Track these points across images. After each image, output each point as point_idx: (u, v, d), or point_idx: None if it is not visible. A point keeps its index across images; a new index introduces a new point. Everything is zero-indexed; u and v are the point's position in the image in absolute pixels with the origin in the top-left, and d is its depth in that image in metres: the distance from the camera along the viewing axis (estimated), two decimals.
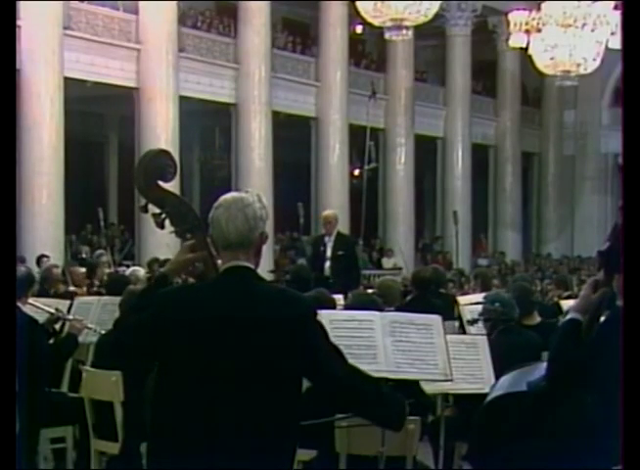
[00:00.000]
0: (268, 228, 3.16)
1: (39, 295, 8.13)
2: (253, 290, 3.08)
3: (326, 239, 10.77)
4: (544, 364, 3.42)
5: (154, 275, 11.66)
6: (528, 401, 3.37)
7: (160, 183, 3.43)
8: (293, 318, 3.05)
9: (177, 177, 3.61)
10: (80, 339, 6.45)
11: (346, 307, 5.52)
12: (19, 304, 5.83)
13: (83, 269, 11.87)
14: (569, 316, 3.34)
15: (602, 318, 3.34)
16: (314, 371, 3.09)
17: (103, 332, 6.36)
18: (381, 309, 5.21)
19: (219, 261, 3.21)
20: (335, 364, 3.10)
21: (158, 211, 3.43)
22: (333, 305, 6.33)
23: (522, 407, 3.38)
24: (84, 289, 10.66)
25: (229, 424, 2.98)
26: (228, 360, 2.99)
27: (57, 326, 6.68)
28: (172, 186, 3.64)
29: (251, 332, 3.01)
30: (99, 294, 9.10)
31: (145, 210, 3.47)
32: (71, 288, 10.36)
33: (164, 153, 3.52)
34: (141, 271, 10.52)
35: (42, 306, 6.60)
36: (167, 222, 3.44)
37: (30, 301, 6.38)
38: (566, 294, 10.16)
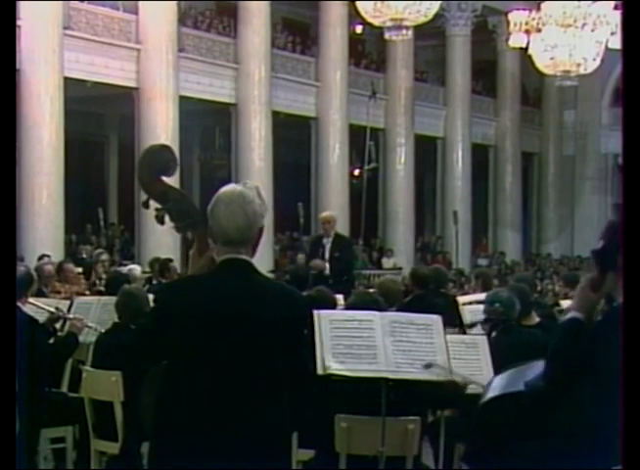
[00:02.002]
0: (268, 228, 3.19)
1: (36, 294, 8.11)
2: (251, 284, 3.10)
3: (324, 240, 10.78)
4: (539, 363, 3.38)
5: (155, 275, 11.70)
6: (527, 401, 3.36)
7: (163, 178, 3.44)
8: (288, 316, 3.08)
9: (177, 177, 3.63)
10: (80, 338, 6.45)
11: (349, 307, 5.52)
12: (18, 303, 5.82)
13: (80, 269, 11.84)
14: (569, 315, 3.30)
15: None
16: (295, 361, 3.11)
17: (103, 331, 6.37)
18: (383, 309, 5.20)
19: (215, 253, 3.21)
20: (309, 356, 3.18)
21: (159, 206, 3.44)
22: (333, 304, 6.33)
23: (520, 407, 3.37)
24: (80, 287, 10.64)
25: (228, 420, 2.98)
26: (226, 355, 3.01)
27: (57, 325, 6.68)
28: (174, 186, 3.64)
29: (247, 327, 3.02)
30: (100, 293, 9.09)
31: (146, 205, 3.48)
32: (66, 285, 10.35)
33: (166, 148, 3.54)
34: (138, 269, 10.52)
35: (43, 306, 6.59)
36: (167, 218, 3.45)
37: (31, 300, 6.37)
38: (572, 293, 10.09)
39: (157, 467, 3.12)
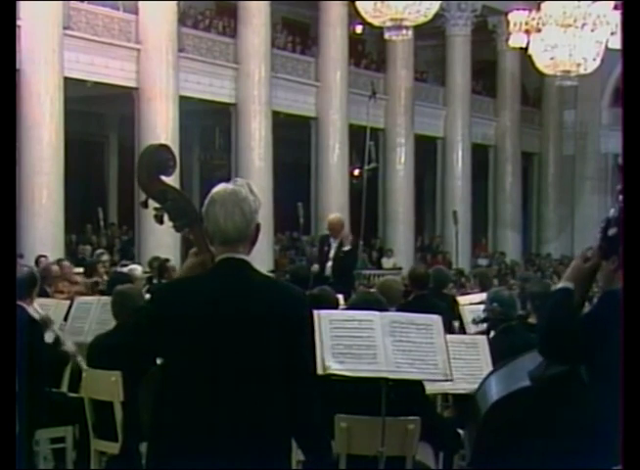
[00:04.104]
0: (268, 228, 3.18)
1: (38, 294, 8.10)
2: (249, 282, 3.08)
3: (331, 240, 10.88)
4: (532, 355, 3.40)
5: (154, 274, 11.71)
6: (533, 394, 3.35)
7: (162, 177, 3.44)
8: (288, 314, 3.06)
9: (177, 177, 3.63)
10: (81, 338, 6.45)
11: (351, 306, 5.52)
12: (23, 304, 5.84)
13: (80, 269, 11.84)
14: (560, 285, 3.36)
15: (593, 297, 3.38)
16: (295, 360, 3.09)
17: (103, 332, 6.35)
18: (385, 309, 5.21)
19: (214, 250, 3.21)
20: (309, 355, 3.16)
21: (158, 205, 3.44)
22: (335, 304, 6.33)
23: (527, 403, 3.36)
24: (79, 286, 10.65)
25: (227, 420, 2.98)
26: (223, 356, 3.00)
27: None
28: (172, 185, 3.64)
29: (246, 326, 3.01)
30: (102, 293, 9.09)
31: (145, 205, 3.48)
32: (68, 285, 10.37)
33: (164, 147, 3.54)
34: (139, 270, 10.50)
35: (38, 310, 6.48)
36: (166, 217, 3.45)
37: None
38: None
39: (154, 467, 3.11)
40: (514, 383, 3.45)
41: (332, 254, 10.69)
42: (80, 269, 12.38)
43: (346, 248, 10.70)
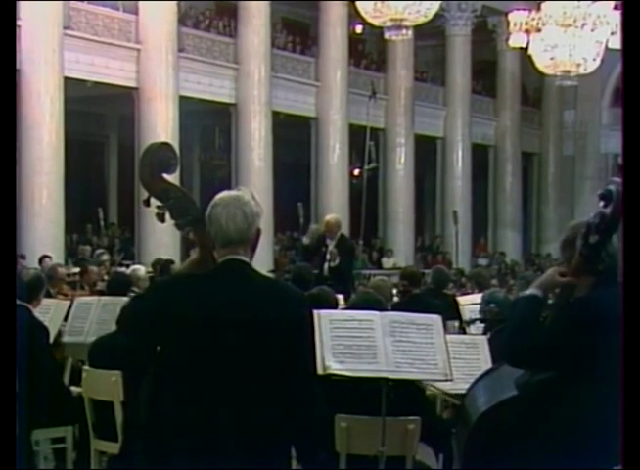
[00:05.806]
0: (268, 228, 3.20)
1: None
2: (250, 284, 3.11)
3: (328, 240, 10.87)
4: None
5: (156, 276, 11.70)
6: (524, 401, 3.35)
7: (165, 176, 3.46)
8: (289, 315, 3.08)
9: (178, 177, 3.62)
10: (81, 338, 6.44)
11: (351, 306, 5.53)
12: (30, 306, 5.85)
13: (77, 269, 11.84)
14: (528, 292, 3.36)
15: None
16: (296, 361, 3.11)
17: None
18: (385, 309, 5.21)
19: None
20: (309, 355, 3.26)
21: (160, 203, 3.45)
22: (334, 304, 6.33)
23: (518, 411, 3.35)
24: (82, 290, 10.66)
25: (227, 421, 2.98)
26: (223, 356, 3.01)
27: None
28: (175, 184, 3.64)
29: (246, 328, 3.02)
30: (101, 293, 9.07)
31: (147, 203, 3.49)
32: (86, 288, 10.39)
33: (166, 145, 3.56)
34: (141, 270, 10.49)
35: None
36: (168, 216, 3.46)
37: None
38: None
39: (153, 467, 3.11)
40: (502, 391, 3.44)
41: (328, 255, 10.72)
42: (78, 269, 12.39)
43: (335, 263, 10.67)
